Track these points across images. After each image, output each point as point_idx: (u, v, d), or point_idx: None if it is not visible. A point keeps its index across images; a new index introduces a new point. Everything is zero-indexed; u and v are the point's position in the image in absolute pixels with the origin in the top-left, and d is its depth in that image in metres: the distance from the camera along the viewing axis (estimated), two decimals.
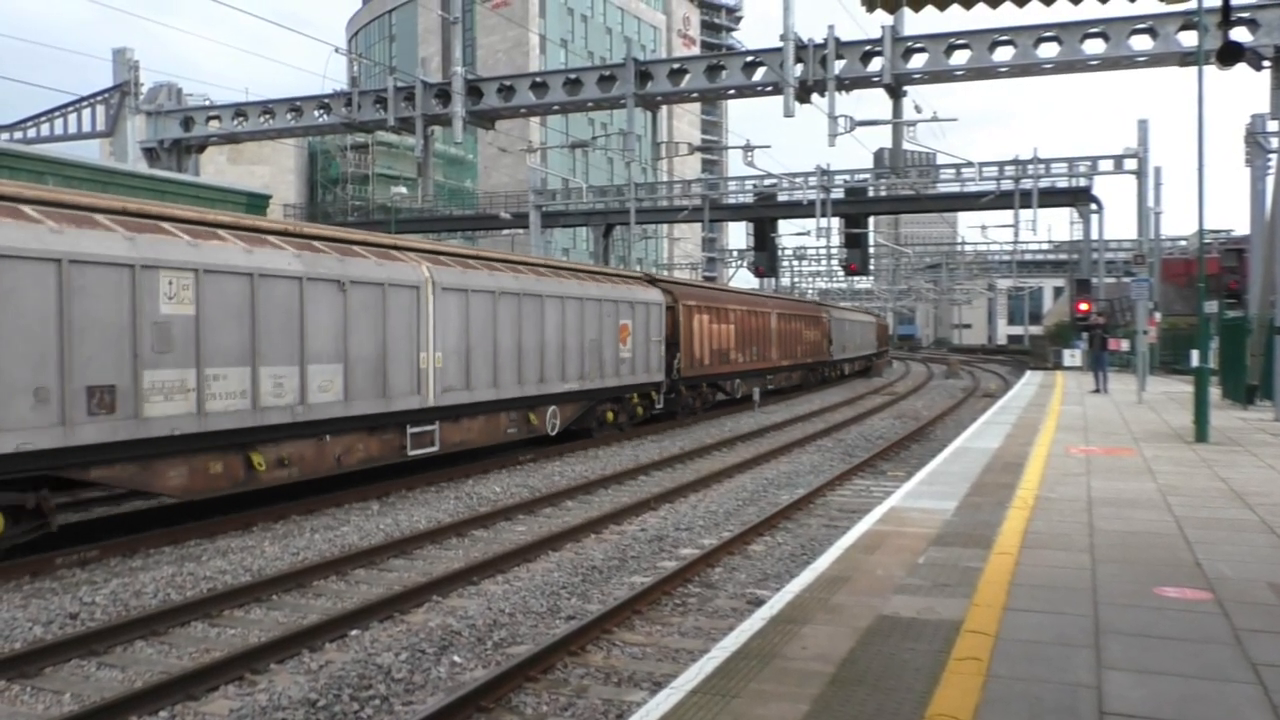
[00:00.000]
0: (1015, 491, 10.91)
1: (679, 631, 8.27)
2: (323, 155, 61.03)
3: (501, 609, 8.80)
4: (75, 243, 10.21)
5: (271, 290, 12.38)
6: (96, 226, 10.62)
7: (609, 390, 21.40)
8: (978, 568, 7.46)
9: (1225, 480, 11.75)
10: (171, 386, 11.08)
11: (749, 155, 35.11)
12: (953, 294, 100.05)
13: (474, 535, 12.26)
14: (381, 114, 28.85)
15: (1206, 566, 7.49)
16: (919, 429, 24.07)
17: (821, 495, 14.79)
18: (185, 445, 11.34)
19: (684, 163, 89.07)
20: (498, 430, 17.53)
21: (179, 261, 11.20)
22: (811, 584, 7.08)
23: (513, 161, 56.47)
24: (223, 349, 11.70)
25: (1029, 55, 23.28)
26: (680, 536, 11.98)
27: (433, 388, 15.41)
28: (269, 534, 12.34)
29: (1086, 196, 43.40)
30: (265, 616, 8.90)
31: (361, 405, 13.97)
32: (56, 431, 9.95)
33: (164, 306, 11.04)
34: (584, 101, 28.31)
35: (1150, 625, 6.05)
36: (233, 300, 11.85)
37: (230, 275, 11.84)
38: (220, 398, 11.69)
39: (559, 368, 19.27)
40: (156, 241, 11.11)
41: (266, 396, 12.30)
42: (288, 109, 30.62)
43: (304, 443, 13.22)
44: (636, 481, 16.50)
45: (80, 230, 10.38)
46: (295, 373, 12.74)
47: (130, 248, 10.74)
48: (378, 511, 13.83)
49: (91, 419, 10.24)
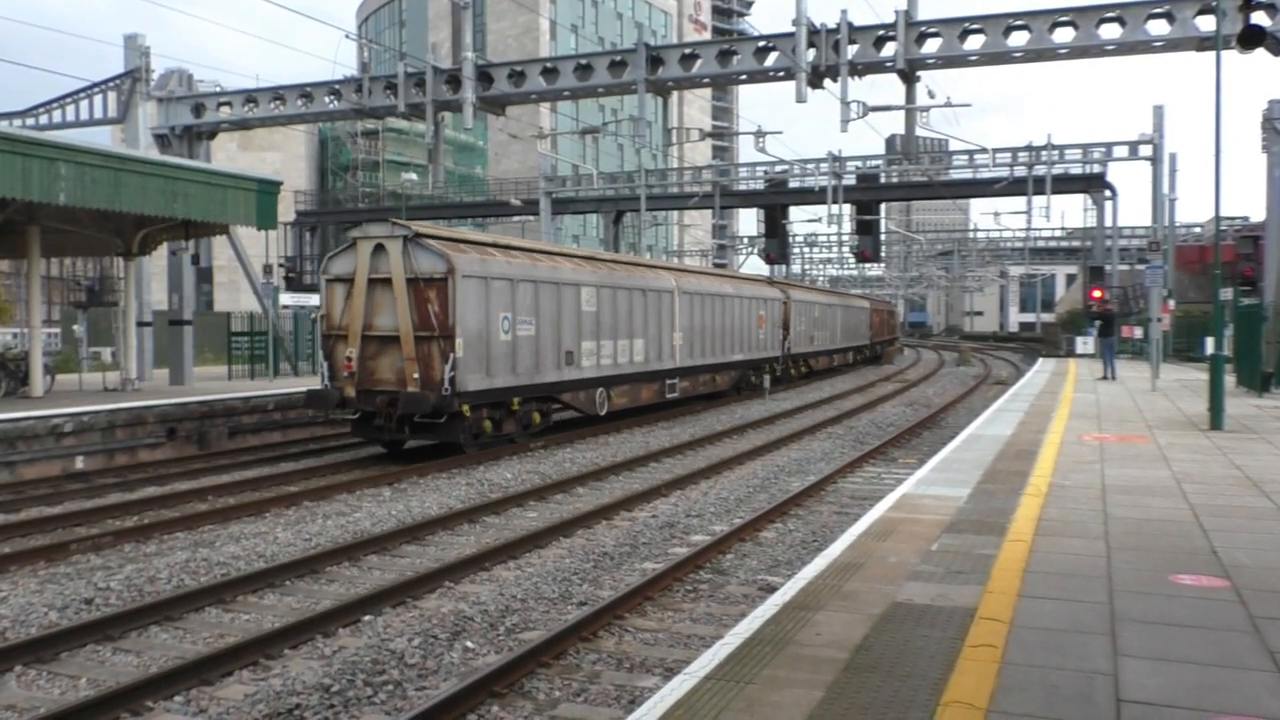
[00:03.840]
0: (1028, 479, 10.87)
1: (691, 618, 8.27)
2: (333, 142, 61.09)
3: (514, 595, 8.82)
4: (553, 273, 19.00)
5: (624, 297, 21.84)
6: (564, 264, 19.82)
7: (754, 361, 30.46)
8: (991, 555, 7.44)
9: (1241, 468, 11.69)
10: (587, 351, 20.24)
11: (760, 141, 34.94)
12: (964, 281, 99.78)
13: (486, 521, 12.28)
14: (392, 100, 28.79)
15: (1223, 554, 7.45)
16: (930, 416, 24.01)
17: (833, 482, 14.77)
18: (590, 383, 20.45)
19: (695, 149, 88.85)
20: (697, 386, 26.53)
21: (592, 281, 20.50)
22: (824, 571, 7.07)
23: (523, 148, 56.42)
24: (606, 330, 20.94)
25: (1044, 40, 23.08)
26: (691, 523, 11.99)
27: (677, 356, 24.65)
28: (281, 520, 12.39)
29: (1100, 183, 43.09)
30: (279, 602, 8.94)
31: (649, 366, 23.12)
32: (559, 372, 19.13)
33: (585, 306, 20.11)
34: (595, 87, 28.19)
35: (1166, 613, 6.02)
36: (614, 303, 21.32)
37: (611, 289, 21.17)
38: (599, 358, 20.67)
39: (731, 345, 28.44)
40: (580, 269, 20.23)
41: (619, 359, 21.57)
42: (298, 95, 30.58)
43: (628, 386, 22.38)
44: (647, 469, 16.51)
45: (558, 266, 19.49)
46: (628, 345, 22.04)
47: (575, 275, 19.85)
48: (390, 497, 13.88)
49: (567, 367, 19.36)
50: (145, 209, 18.02)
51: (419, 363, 16.04)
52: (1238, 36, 16.85)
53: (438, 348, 16.03)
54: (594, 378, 20.51)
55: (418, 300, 16.12)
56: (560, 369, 19.18)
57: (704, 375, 26.70)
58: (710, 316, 26.68)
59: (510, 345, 17.56)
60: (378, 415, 16.21)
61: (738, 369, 29.20)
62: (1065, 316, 56.49)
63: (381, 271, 16.28)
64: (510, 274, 17.57)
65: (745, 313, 29.39)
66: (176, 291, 26.22)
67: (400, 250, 16.12)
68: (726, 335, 27.86)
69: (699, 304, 25.91)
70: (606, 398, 21.20)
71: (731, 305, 28.21)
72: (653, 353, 23.17)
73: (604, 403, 21.09)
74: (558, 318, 19.10)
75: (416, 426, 16.32)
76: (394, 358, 16.29)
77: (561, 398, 19.61)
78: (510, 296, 17.47)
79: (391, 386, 16.24)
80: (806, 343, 36.43)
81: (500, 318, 17.20)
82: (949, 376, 42.36)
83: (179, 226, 21.69)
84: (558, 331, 19.08)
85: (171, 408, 18.50)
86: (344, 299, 16.70)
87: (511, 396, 17.80)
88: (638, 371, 22.50)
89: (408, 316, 16.10)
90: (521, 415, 18.40)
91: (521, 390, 18.08)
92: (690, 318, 25.32)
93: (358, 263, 16.42)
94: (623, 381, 21.90)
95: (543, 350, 18.55)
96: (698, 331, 25.85)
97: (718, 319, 27.21)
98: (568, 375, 19.48)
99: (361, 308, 16.35)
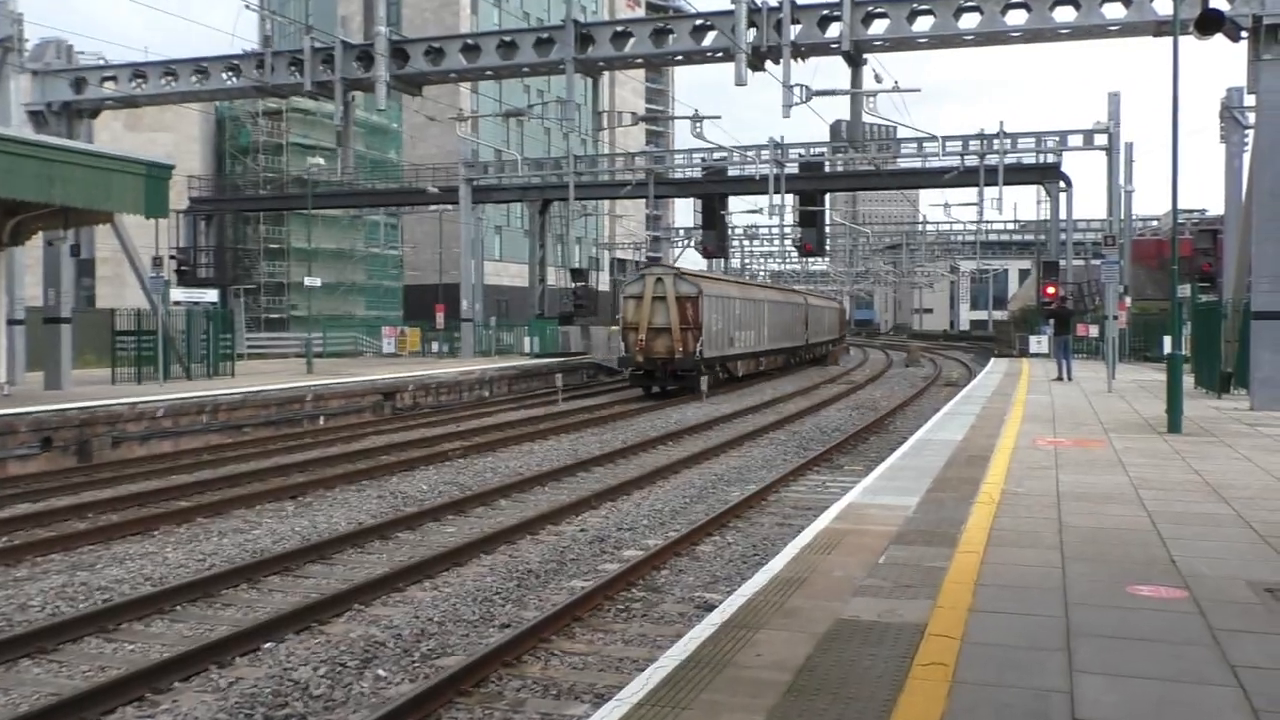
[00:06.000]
0: (980, 486, 11.06)
1: (623, 639, 8.26)
2: (232, 122, 59.88)
3: (430, 617, 8.74)
4: (719, 289, 35.07)
5: (761, 306, 40.12)
6: (722, 284, 37.55)
7: (800, 348, 48.10)
8: (942, 567, 7.54)
9: (1200, 473, 12.01)
10: (736, 337, 35.34)
11: (697, 127, 35.13)
12: (913, 277, 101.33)
13: (399, 538, 12.15)
14: (297, 78, 28.36)
15: (1182, 564, 7.64)
16: (878, 420, 24.33)
17: (775, 491, 14.88)
18: (735, 356, 35.85)
19: (627, 134, 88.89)
20: None
21: (732, 294, 36.01)
22: (765, 586, 7.10)
23: (441, 131, 55.85)
24: (743, 324, 36.44)
25: (996, 22, 23.51)
26: (623, 537, 11.98)
27: (803, 338, 47.49)
28: (172, 538, 12.13)
29: (1055, 173, 44.06)
30: (168, 630, 8.73)
31: (776, 344, 42.26)
32: (727, 349, 34.66)
33: (737, 308, 35.72)
34: (519, 66, 28.09)
35: (1124, 626, 6.15)
36: (745, 309, 37.06)
37: (746, 302, 37.61)
38: (742, 342, 36.38)
39: (798, 333, 47.15)
40: (723, 284, 37.16)
41: (758, 341, 38.83)
42: (192, 70, 29.98)
43: (761, 358, 39.91)
44: (576, 478, 16.48)
45: (711, 284, 35.14)
46: (754, 334, 38.27)
47: (723, 289, 35.51)
48: (293, 512, 13.68)
49: (728, 346, 34.60)
50: (17, 194, 17.52)
51: (682, 342, 31.23)
52: (1195, 21, 17.31)
53: (691, 335, 31.41)
54: (739, 353, 36.63)
55: (679, 308, 31.33)
56: (734, 346, 35.69)
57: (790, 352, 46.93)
58: (796, 315, 47.94)
59: (722, 333, 33.82)
60: (656, 371, 31.66)
61: (792, 352, 46.72)
62: (1018, 314, 57.69)
63: (658, 292, 31.58)
64: (723, 293, 34.62)
65: (792, 313, 46.45)
66: (53, 286, 25.50)
67: (671, 280, 31.91)
68: (796, 327, 47.01)
69: (801, 310, 49.20)
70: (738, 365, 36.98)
71: (800, 309, 48.30)
72: (780, 336, 43.41)
73: (738, 368, 36.92)
74: (736, 318, 35.76)
75: (677, 378, 31.60)
76: (666, 340, 31.32)
77: (736, 364, 36.30)
78: (723, 307, 33.96)
79: (664, 355, 31.27)
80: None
81: (716, 318, 33.06)
82: (897, 378, 42.99)
83: (57, 214, 21.09)
84: (735, 326, 35.68)
85: (47, 415, 18.00)
86: (635, 307, 31.96)
87: (723, 362, 34.66)
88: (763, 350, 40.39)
89: (675, 317, 31.24)
90: (728, 370, 35.58)
91: (731, 357, 35.51)
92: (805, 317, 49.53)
93: (645, 287, 31.98)
94: (745, 358, 37.78)
95: (730, 335, 34.98)
96: (797, 327, 47.57)
97: (797, 316, 48.03)
98: (736, 350, 36.18)
99: (647, 312, 31.52)
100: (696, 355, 31.05)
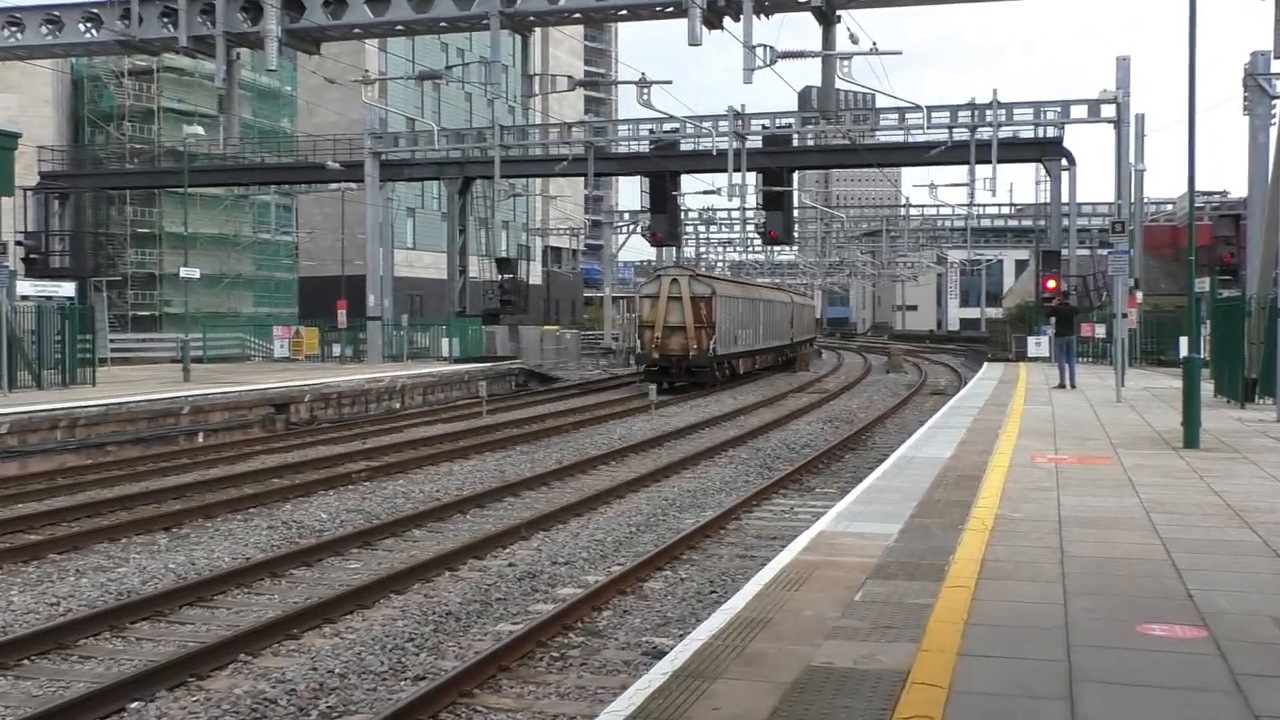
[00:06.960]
0: (971, 510, 11.17)
1: (558, 692, 8.25)
2: (91, 84, 58.88)
3: (330, 669, 8.68)
4: (728, 290, 43.55)
5: (758, 305, 47.73)
6: (729, 284, 46.99)
7: (786, 346, 53.89)
8: (927, 604, 7.60)
9: (1220, 494, 12.21)
10: (739, 335, 42.89)
11: (644, 93, 35.23)
12: (895, 268, 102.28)
13: (293, 575, 12.06)
14: (170, 31, 28.04)
15: (1199, 598, 7.76)
16: (854, 435, 24.52)
17: (735, 518, 14.93)
18: (738, 354, 43.68)
19: (563, 101, 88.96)
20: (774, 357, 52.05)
21: (736, 294, 44.13)
22: (723, 629, 7.12)
23: (343, 97, 55.31)
24: (741, 323, 43.50)
25: None
26: (558, 573, 11.97)
27: (789, 337, 54.57)
28: (18, 579, 11.93)
29: (1056, 150, 44.54)
30: (12, 689, 8.59)
31: (769, 343, 49.77)
32: (733, 347, 42.18)
33: (740, 308, 43.52)
34: (436, 20, 28.00)
35: (1133, 670, 6.23)
36: (745, 309, 44.69)
37: (747, 301, 45.49)
38: (744, 341, 43.93)
39: (785, 331, 53.68)
40: (730, 285, 46.55)
41: (756, 340, 46.49)
42: (42, 20, 29.52)
43: (756, 356, 47.16)
44: (503, 504, 16.44)
45: (725, 284, 45.37)
46: (753, 333, 45.78)
47: (730, 290, 44.17)
48: (167, 546, 13.52)
49: (734, 344, 42.15)
50: None
51: (696, 340, 37.95)
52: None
53: (705, 333, 38.10)
54: (742, 351, 43.64)
55: (694, 308, 37.89)
56: (738, 344, 42.39)
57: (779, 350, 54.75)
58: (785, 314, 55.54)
59: (729, 332, 40.38)
60: (671, 367, 37.98)
61: (779, 351, 52.98)
62: (1015, 312, 58.52)
63: (673, 292, 38.28)
64: (733, 294, 42.29)
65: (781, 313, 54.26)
66: None
67: (687, 281, 39.00)
68: (783, 326, 54.57)
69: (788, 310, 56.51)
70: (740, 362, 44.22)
71: (788, 308, 56.74)
72: (771, 334, 50.00)
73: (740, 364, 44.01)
74: (739, 317, 42.69)
75: (690, 374, 38.16)
76: (680, 338, 37.94)
77: (739, 361, 43.39)
78: (730, 307, 40.54)
79: (678, 353, 37.88)
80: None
81: (725, 318, 39.72)
82: (876, 385, 43.37)
83: None
84: (738, 325, 42.62)
85: None
86: (650, 306, 39.27)
87: (730, 359, 41.62)
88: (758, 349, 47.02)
89: (690, 316, 37.78)
90: (731, 368, 42.44)
91: (735, 355, 42.37)
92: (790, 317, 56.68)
93: (661, 288, 39.00)
94: (750, 354, 45.27)
95: (735, 334, 41.64)
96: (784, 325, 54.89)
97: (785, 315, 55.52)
98: (739, 349, 43.00)
99: (663, 311, 38.08)
100: (710, 353, 38.40)
